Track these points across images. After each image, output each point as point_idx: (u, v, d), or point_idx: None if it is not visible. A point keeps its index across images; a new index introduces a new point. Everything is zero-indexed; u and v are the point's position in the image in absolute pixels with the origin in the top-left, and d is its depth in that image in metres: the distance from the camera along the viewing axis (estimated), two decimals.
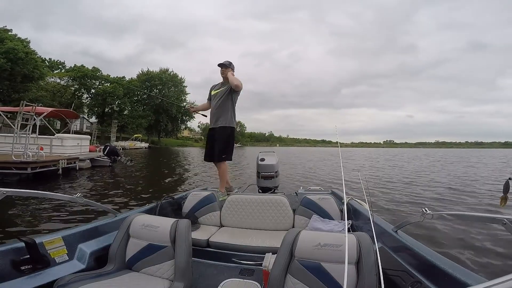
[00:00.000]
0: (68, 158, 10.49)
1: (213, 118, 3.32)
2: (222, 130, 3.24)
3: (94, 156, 13.42)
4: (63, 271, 1.47)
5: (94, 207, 2.06)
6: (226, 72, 3.26)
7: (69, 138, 12.46)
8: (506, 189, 1.49)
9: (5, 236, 3.78)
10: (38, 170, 8.60)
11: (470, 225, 4.49)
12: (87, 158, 12.50)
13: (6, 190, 1.36)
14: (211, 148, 3.33)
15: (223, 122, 3.25)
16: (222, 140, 3.24)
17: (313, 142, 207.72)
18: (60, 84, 42.19)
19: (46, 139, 11.52)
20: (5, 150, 10.47)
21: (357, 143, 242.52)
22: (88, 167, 12.36)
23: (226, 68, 3.27)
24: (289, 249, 1.37)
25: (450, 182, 10.61)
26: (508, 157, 33.19)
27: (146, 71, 52.98)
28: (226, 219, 2.65)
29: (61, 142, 11.73)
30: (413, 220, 1.55)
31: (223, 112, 3.26)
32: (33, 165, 8.40)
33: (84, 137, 14.22)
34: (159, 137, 57.94)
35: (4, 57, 26.29)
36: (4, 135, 12.20)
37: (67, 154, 11.27)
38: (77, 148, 12.73)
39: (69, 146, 12.00)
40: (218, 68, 3.33)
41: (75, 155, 11.66)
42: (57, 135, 12.40)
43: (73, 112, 15.15)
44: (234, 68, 3.33)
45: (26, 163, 8.24)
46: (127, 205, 6.11)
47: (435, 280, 1.23)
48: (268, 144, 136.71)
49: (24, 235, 1.48)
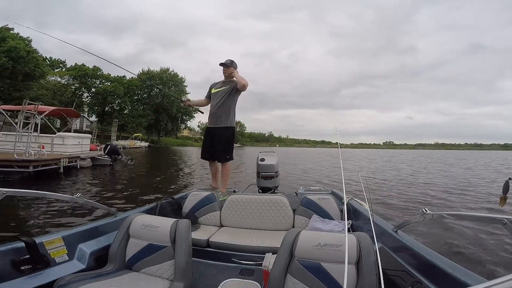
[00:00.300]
0: (70, 157, 10.54)
1: (214, 117, 3.27)
2: (224, 131, 3.22)
3: (95, 155, 13.47)
4: (63, 271, 1.47)
5: (94, 207, 2.06)
6: (228, 71, 3.22)
7: (70, 137, 12.52)
8: (506, 189, 1.48)
9: (5, 236, 3.78)
10: (40, 168, 8.64)
11: (470, 225, 4.50)
12: (88, 157, 12.56)
13: (6, 190, 1.35)
14: (211, 147, 3.30)
15: (225, 122, 3.21)
16: (225, 141, 3.22)
17: (312, 143, 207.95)
18: (60, 83, 42.29)
19: (48, 138, 11.57)
20: (6, 148, 10.54)
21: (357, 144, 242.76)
22: (89, 166, 12.42)
23: (228, 67, 3.23)
24: (289, 249, 1.38)
25: (450, 182, 10.64)
26: (508, 159, 33.29)
27: (147, 70, 53.09)
28: (226, 219, 2.65)
29: (62, 141, 11.85)
30: (413, 220, 1.55)
31: (225, 111, 3.21)
32: (35, 163, 8.42)
33: (85, 136, 14.30)
34: (158, 136, 58.00)
35: (5, 56, 26.33)
36: (6, 133, 12.27)
37: (68, 152, 11.32)
38: (78, 147, 12.79)
39: (70, 144, 12.06)
40: (219, 67, 3.28)
41: (76, 154, 11.71)
42: (59, 133, 12.47)
43: (74, 111, 15.27)
44: (236, 66, 3.28)
45: (28, 161, 8.26)
46: (132, 202, 6.15)
47: (435, 280, 1.23)
48: (268, 144, 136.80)
49: (24, 235, 1.48)
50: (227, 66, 3.22)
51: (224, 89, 3.24)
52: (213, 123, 3.28)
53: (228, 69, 3.23)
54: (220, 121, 3.23)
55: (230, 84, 3.23)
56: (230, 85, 3.23)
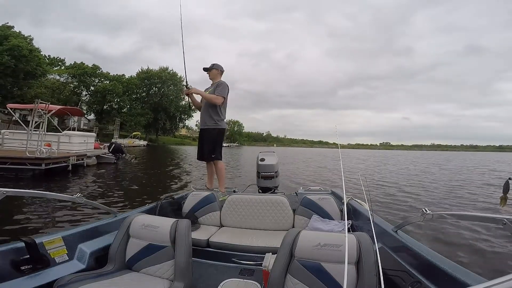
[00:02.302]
0: (78, 155, 10.81)
1: (202, 119, 3.45)
2: (209, 132, 3.37)
3: (99, 153, 13.67)
4: (63, 271, 1.47)
5: (94, 207, 2.06)
6: (211, 74, 3.42)
7: (76, 135, 12.76)
8: (506, 189, 1.48)
9: (5, 236, 3.78)
10: (50, 166, 8.86)
11: (470, 225, 4.52)
12: (93, 155, 12.77)
13: (6, 190, 1.35)
14: (202, 148, 3.45)
15: (211, 124, 3.35)
16: (210, 141, 3.37)
17: (310, 143, 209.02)
18: (59, 81, 42.25)
19: (54, 136, 11.84)
20: (14, 146, 10.78)
21: (354, 144, 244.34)
22: (94, 164, 12.61)
23: (210, 71, 3.41)
24: (289, 249, 1.38)
25: (450, 182, 10.75)
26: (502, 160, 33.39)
27: (146, 69, 53.09)
28: (226, 219, 2.65)
29: (68, 139, 11.99)
30: (413, 220, 1.56)
31: (210, 113, 3.34)
32: (47, 161, 8.68)
33: (90, 135, 14.53)
34: (156, 135, 58.05)
35: (8, 54, 26.39)
36: (13, 131, 12.58)
37: (74, 151, 11.55)
38: (83, 145, 12.99)
39: (76, 143, 12.29)
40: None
41: (83, 152, 11.94)
42: (65, 132, 12.69)
43: (79, 110, 15.61)
44: (219, 67, 3.46)
45: (40, 159, 8.52)
46: (140, 200, 6.30)
47: (435, 280, 1.23)
48: (265, 144, 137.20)
49: (24, 235, 1.47)
50: (208, 70, 3.43)
51: (210, 92, 3.39)
52: (201, 124, 3.46)
53: (210, 72, 3.42)
54: (206, 123, 3.37)
55: (213, 88, 3.37)
56: (213, 88, 3.36)
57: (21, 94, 28.61)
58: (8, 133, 12.11)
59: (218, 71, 3.43)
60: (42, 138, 9.41)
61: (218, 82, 3.39)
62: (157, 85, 52.38)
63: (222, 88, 3.30)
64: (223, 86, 3.32)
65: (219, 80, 3.42)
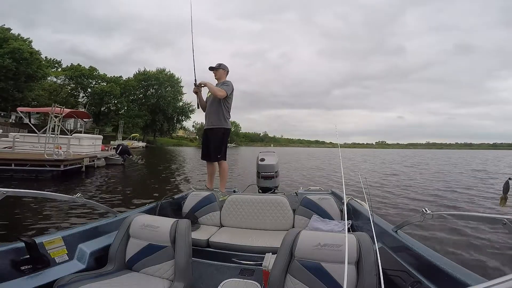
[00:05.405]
0: (90, 157, 11.33)
1: (207, 119, 3.44)
2: (214, 132, 3.35)
3: (107, 155, 14.15)
4: (63, 271, 1.46)
5: (94, 207, 2.03)
6: (217, 74, 3.41)
7: (85, 138, 13.26)
8: (506, 189, 1.48)
9: (5, 236, 3.77)
10: (67, 167, 9.35)
11: (470, 225, 4.52)
12: (102, 157, 13.26)
13: (6, 190, 1.36)
14: (206, 148, 3.43)
15: (215, 124, 3.34)
16: (216, 141, 3.35)
17: (307, 143, 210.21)
18: (56, 83, 42.21)
19: (64, 139, 12.22)
20: (25, 149, 11.07)
21: (350, 143, 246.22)
22: (103, 165, 13.06)
23: (217, 70, 3.41)
24: (289, 249, 1.38)
25: (450, 182, 10.78)
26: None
27: (143, 71, 53.21)
28: (226, 219, 2.65)
29: (78, 142, 12.54)
30: (413, 220, 1.56)
31: (214, 113, 3.34)
32: (65, 162, 9.21)
33: (97, 137, 15.14)
34: (154, 136, 58.13)
35: (9, 57, 26.49)
36: (24, 134, 13.01)
37: (84, 153, 11.96)
38: (92, 147, 13.50)
39: (86, 145, 12.81)
40: (210, 67, 3.45)
41: (93, 154, 12.41)
42: (75, 135, 13.26)
43: (86, 113, 16.00)
44: (225, 67, 3.46)
45: (60, 161, 9.06)
46: (152, 197, 6.44)
47: (435, 280, 1.23)
48: (262, 144, 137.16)
49: (24, 235, 1.47)
50: (215, 69, 3.42)
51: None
52: (206, 124, 3.45)
53: (217, 72, 3.42)
54: (212, 122, 3.36)
55: (220, 87, 3.35)
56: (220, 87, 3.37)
57: (21, 97, 28.78)
58: (19, 136, 12.53)
59: (224, 71, 3.44)
60: (56, 141, 9.92)
61: (224, 81, 3.42)
62: (155, 86, 52.41)
63: (227, 86, 3.32)
64: (228, 84, 3.35)
65: (224, 80, 3.45)
